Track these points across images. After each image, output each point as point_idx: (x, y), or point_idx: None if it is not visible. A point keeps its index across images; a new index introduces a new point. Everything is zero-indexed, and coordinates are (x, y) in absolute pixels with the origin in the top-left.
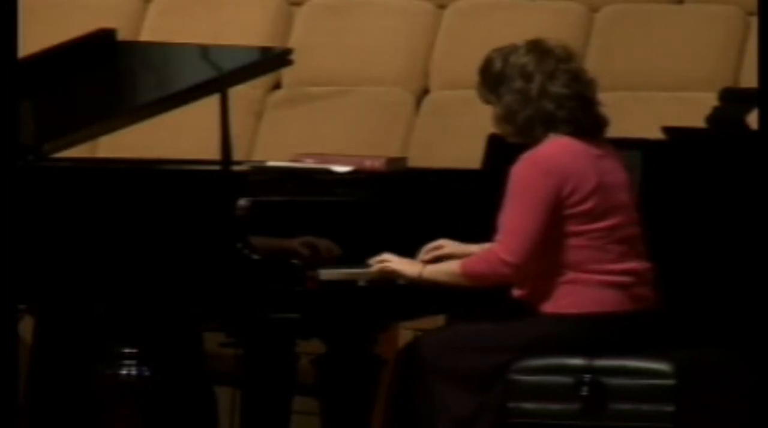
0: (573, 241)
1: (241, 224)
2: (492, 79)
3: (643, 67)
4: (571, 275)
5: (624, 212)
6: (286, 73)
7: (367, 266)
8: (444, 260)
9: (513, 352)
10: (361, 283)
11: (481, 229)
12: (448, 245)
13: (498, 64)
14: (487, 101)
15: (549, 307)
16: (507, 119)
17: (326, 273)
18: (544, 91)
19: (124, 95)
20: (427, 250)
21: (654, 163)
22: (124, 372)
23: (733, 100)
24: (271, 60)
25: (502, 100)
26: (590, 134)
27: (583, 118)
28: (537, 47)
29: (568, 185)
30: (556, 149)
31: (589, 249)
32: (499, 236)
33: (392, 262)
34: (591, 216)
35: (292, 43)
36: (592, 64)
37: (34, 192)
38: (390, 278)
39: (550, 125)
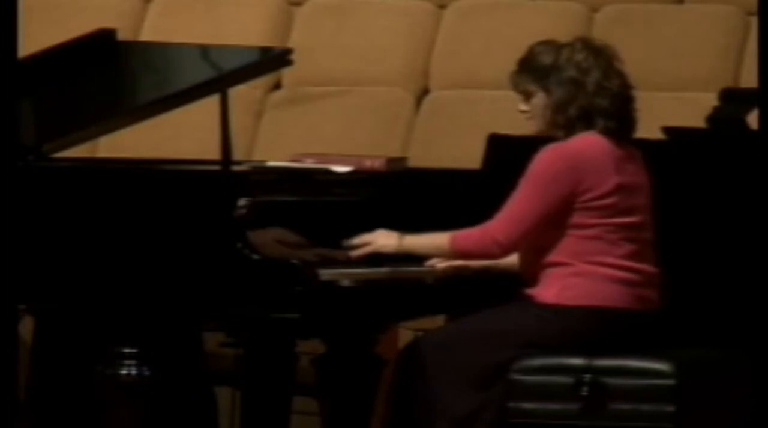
0: (585, 232)
1: (241, 224)
2: (540, 69)
3: (643, 67)
4: (578, 266)
5: (640, 215)
6: (286, 73)
7: (374, 265)
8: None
9: (515, 348)
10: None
11: None
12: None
13: (549, 57)
14: (525, 92)
15: (553, 298)
16: (557, 109)
17: (326, 273)
18: (600, 86)
19: (124, 95)
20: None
21: (654, 163)
22: (124, 372)
23: (733, 100)
24: (271, 60)
25: (552, 92)
26: (621, 134)
27: (624, 117)
28: (589, 44)
29: (585, 182)
30: (585, 145)
31: (601, 241)
32: (499, 215)
33: (371, 243)
34: (607, 211)
35: (292, 43)
36: None
37: (34, 192)
38: (374, 254)
39: (593, 120)
